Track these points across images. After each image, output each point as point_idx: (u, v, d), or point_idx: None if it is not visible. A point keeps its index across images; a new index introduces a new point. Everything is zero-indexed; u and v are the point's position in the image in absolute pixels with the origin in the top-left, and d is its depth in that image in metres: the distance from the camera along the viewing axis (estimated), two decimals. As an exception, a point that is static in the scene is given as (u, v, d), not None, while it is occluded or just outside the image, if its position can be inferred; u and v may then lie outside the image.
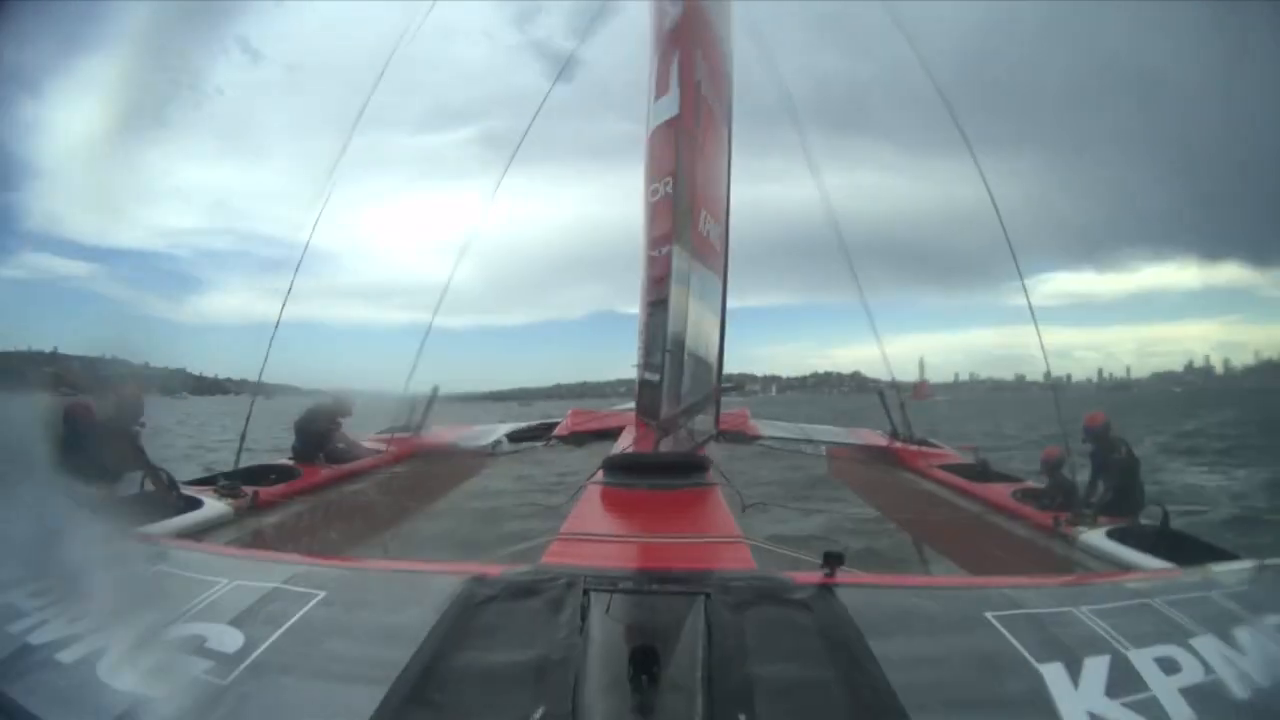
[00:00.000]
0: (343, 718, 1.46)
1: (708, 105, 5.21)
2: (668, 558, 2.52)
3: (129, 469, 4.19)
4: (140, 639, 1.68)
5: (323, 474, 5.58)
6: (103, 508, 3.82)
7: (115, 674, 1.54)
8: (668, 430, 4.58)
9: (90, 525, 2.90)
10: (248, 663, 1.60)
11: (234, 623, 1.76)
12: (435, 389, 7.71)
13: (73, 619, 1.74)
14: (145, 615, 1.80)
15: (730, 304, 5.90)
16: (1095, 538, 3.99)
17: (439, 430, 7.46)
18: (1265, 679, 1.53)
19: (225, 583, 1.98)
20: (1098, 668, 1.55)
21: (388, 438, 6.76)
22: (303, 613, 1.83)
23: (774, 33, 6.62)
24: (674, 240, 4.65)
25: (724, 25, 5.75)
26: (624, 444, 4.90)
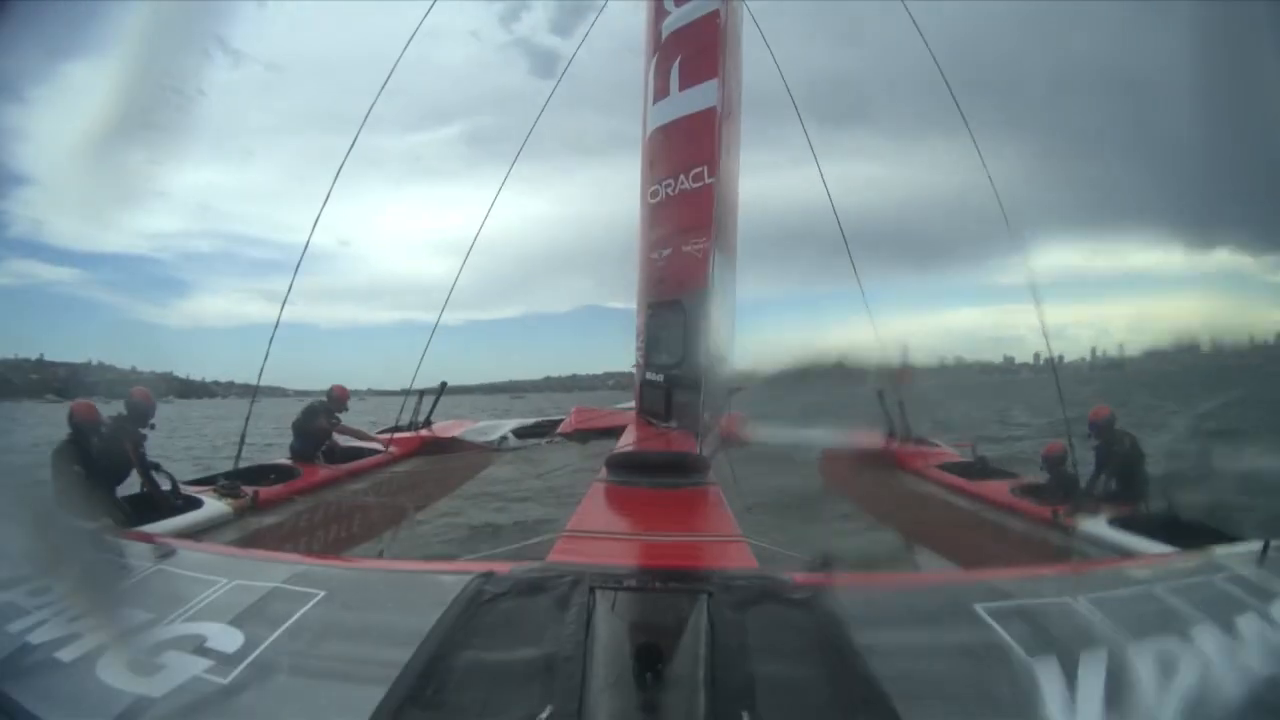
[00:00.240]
0: (343, 716, 1.46)
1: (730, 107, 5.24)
2: (671, 556, 2.53)
3: (130, 471, 4.20)
4: (140, 638, 1.68)
5: (323, 474, 5.58)
6: (104, 507, 3.82)
7: (115, 673, 1.54)
8: (706, 433, 4.63)
9: (91, 525, 2.90)
10: (248, 662, 1.60)
11: (234, 622, 1.76)
12: (443, 385, 7.73)
13: (72, 618, 1.74)
14: (145, 615, 1.80)
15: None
16: (1097, 525, 4.00)
17: (445, 426, 7.47)
18: (1267, 665, 1.53)
19: (225, 582, 1.99)
20: (1098, 660, 1.55)
21: (390, 436, 6.76)
22: (303, 612, 1.83)
23: (758, 18, 6.59)
24: (711, 241, 4.65)
25: (738, 26, 5.78)
26: (625, 442, 4.91)
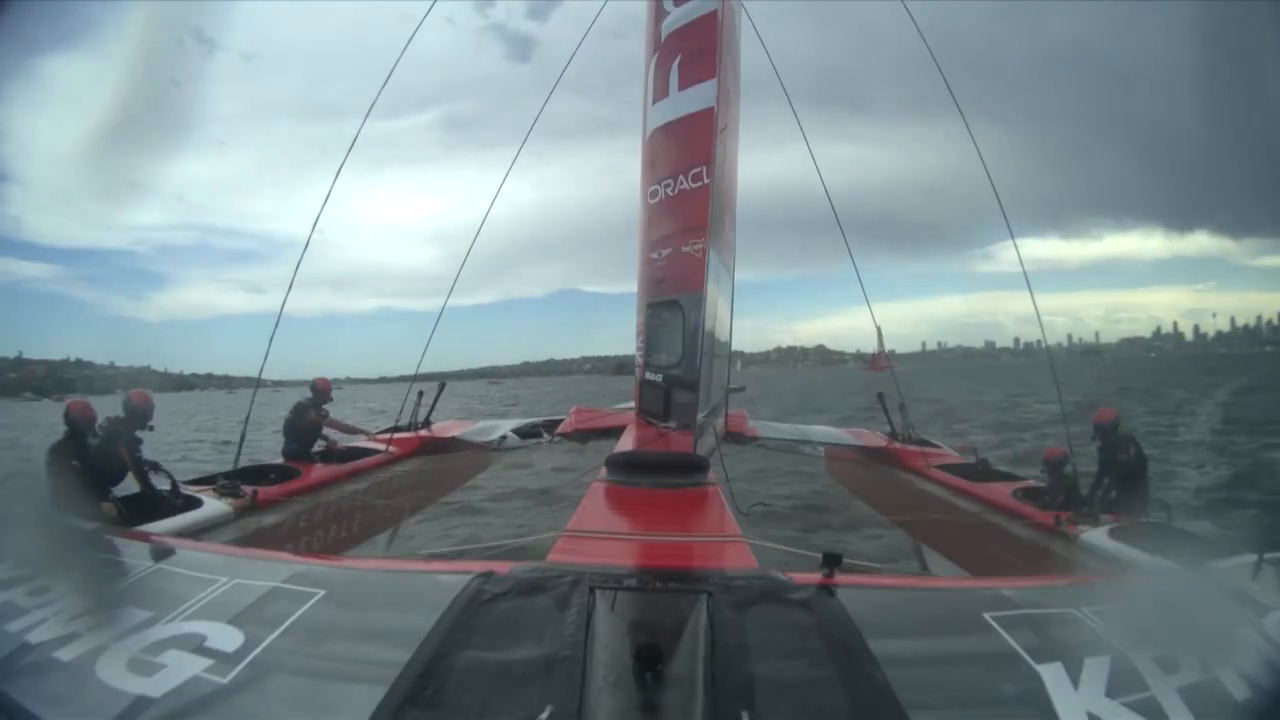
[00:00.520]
0: (343, 716, 1.46)
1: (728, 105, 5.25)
2: (671, 556, 2.52)
3: (126, 474, 4.20)
4: (140, 638, 1.68)
5: (322, 474, 5.57)
6: (102, 507, 3.82)
7: (114, 672, 1.54)
8: (701, 433, 4.64)
9: (89, 524, 2.90)
10: (247, 662, 1.60)
11: (233, 622, 1.75)
12: (442, 384, 7.73)
13: (71, 618, 1.74)
14: (144, 614, 1.80)
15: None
16: (1097, 537, 3.98)
17: (444, 426, 7.47)
18: (1265, 677, 1.52)
19: (225, 582, 1.99)
20: (1097, 668, 1.54)
21: (389, 436, 6.76)
22: (302, 612, 1.83)
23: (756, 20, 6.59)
24: (708, 240, 4.65)
25: (738, 26, 5.79)
26: (625, 442, 4.91)
